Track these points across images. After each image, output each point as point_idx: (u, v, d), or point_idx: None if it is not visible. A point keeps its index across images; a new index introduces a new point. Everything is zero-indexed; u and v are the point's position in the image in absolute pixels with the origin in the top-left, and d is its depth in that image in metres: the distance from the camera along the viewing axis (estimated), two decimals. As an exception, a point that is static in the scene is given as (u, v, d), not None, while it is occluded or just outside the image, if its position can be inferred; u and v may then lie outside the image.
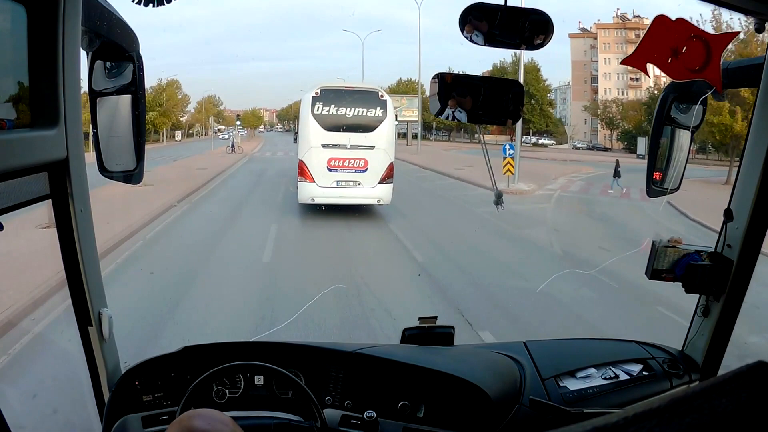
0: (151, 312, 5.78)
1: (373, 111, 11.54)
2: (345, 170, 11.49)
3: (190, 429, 0.99)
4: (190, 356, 1.81)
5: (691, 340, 1.98)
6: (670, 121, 1.84)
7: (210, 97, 53.60)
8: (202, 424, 1.00)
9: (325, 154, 11.36)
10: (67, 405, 3.85)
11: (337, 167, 11.45)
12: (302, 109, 11.88)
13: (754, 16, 1.55)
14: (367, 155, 11.49)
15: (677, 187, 1.91)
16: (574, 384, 1.89)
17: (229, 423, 1.03)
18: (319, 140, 11.33)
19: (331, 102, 11.37)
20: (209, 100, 52.55)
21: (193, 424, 1.00)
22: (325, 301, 5.60)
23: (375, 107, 11.55)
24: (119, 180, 1.63)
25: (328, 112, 11.37)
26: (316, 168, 11.35)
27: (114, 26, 1.52)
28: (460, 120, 1.56)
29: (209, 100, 52.55)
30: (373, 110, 11.54)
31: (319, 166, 11.35)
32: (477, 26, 1.46)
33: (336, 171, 11.46)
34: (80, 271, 1.52)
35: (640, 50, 1.53)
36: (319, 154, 11.36)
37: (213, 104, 53.69)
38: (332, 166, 11.42)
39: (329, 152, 11.38)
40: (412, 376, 1.80)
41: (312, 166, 11.38)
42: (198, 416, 1.04)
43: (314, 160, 11.36)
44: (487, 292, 7.02)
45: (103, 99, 1.56)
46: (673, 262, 1.85)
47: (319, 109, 11.36)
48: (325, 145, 11.35)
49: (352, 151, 11.44)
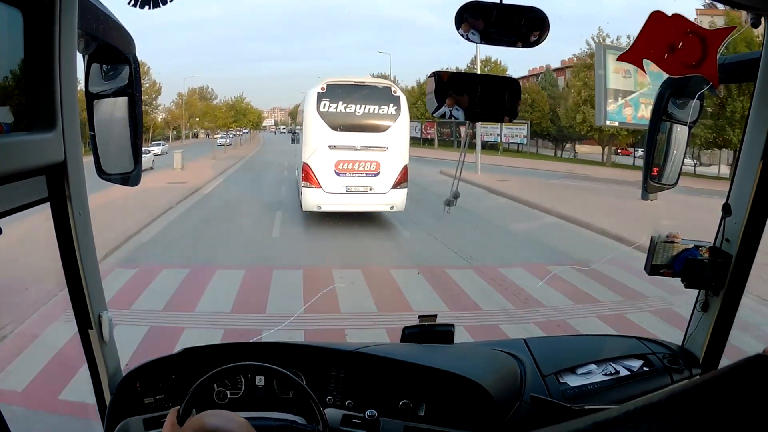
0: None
1: (386, 108, 10.44)
2: (355, 174, 10.43)
3: (204, 427, 1.00)
4: (191, 358, 1.82)
5: (691, 335, 1.99)
6: (668, 116, 1.84)
7: (201, 90, 40.47)
8: (215, 422, 1.01)
9: (332, 156, 10.32)
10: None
11: (346, 171, 10.41)
12: (306, 106, 10.66)
13: (750, 10, 1.55)
14: (379, 157, 10.45)
15: (675, 183, 1.92)
16: (575, 380, 1.89)
17: (243, 423, 1.03)
18: (325, 141, 10.27)
19: (338, 98, 10.28)
20: (194, 93, 39.71)
21: (207, 422, 1.01)
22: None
23: (387, 104, 10.46)
24: (117, 182, 1.63)
25: (335, 109, 10.28)
26: (322, 172, 10.31)
27: (110, 29, 1.52)
28: (458, 118, 1.56)
29: (194, 93, 39.71)
30: (386, 107, 10.44)
31: (326, 170, 10.31)
32: (473, 24, 1.46)
33: (345, 175, 10.41)
34: (80, 274, 1.52)
35: (636, 46, 1.53)
36: (325, 156, 10.32)
37: (203, 97, 40.37)
38: (340, 169, 10.38)
39: (337, 154, 10.34)
40: (412, 374, 1.81)
41: (318, 170, 10.33)
42: (211, 414, 1.05)
43: (320, 163, 10.32)
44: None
45: (100, 101, 1.56)
46: (672, 257, 1.86)
47: (326, 106, 10.25)
48: (332, 147, 10.31)
49: (362, 153, 10.41)
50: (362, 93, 10.51)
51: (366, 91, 10.60)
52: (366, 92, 10.56)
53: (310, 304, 4.45)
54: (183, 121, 38.97)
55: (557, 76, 37.24)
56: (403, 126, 10.71)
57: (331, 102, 10.32)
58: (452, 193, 1.73)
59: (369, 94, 10.52)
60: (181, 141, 40.39)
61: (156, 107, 36.77)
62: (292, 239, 9.91)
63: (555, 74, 37.38)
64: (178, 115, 38.56)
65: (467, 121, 1.60)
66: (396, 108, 10.54)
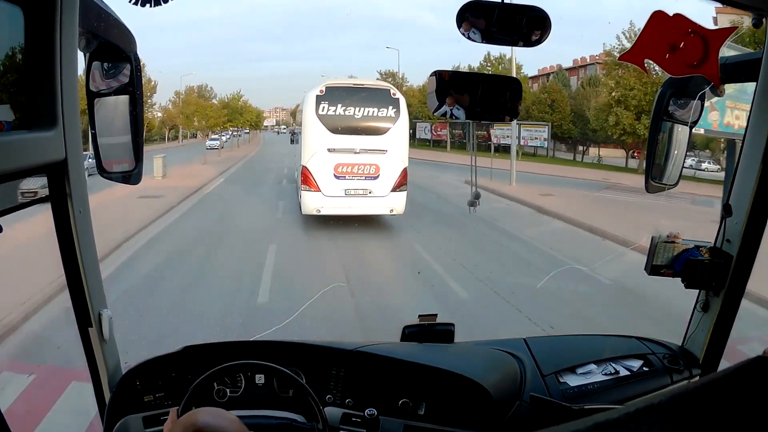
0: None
1: (385, 111, 10.38)
2: (354, 177, 10.35)
3: (195, 423, 1.00)
4: (191, 356, 1.82)
5: (691, 335, 1.99)
6: (669, 116, 1.84)
7: (200, 89, 37.81)
8: (207, 419, 1.01)
9: (331, 159, 10.25)
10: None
11: (345, 174, 10.32)
12: (305, 109, 10.63)
13: (752, 11, 1.55)
14: (378, 160, 10.35)
15: (676, 183, 1.92)
16: (575, 380, 1.89)
17: (234, 421, 1.04)
18: (324, 144, 10.21)
19: (337, 101, 10.22)
20: (192, 91, 37.07)
21: (199, 419, 1.01)
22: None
23: (387, 107, 10.38)
24: (118, 181, 1.63)
25: (334, 112, 10.23)
26: (321, 175, 10.26)
27: (111, 27, 1.52)
28: (458, 117, 1.56)
29: (192, 91, 37.07)
30: (385, 110, 10.38)
31: (325, 173, 10.25)
32: (474, 23, 1.46)
33: (344, 178, 10.33)
34: (80, 272, 1.52)
35: (637, 46, 1.53)
36: (325, 159, 10.25)
37: (201, 96, 37.91)
38: (340, 173, 10.29)
39: (336, 157, 10.26)
40: (412, 373, 1.81)
41: (317, 173, 10.28)
42: (204, 412, 1.05)
43: (320, 167, 10.27)
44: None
45: (101, 100, 1.56)
46: (673, 257, 1.86)
47: (325, 109, 10.21)
48: (331, 150, 10.24)
49: (361, 156, 10.30)
50: (361, 95, 10.44)
51: (365, 93, 10.52)
52: (365, 95, 10.48)
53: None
54: (179, 121, 36.30)
55: (569, 76, 36.43)
56: (402, 128, 10.64)
57: (330, 105, 10.26)
58: (473, 194, 1.75)
59: (368, 97, 10.44)
60: (179, 141, 38.74)
61: (151, 106, 34.31)
62: (286, 306, 5.80)
63: (567, 74, 36.59)
64: (175, 114, 36.70)
65: (468, 120, 1.60)
66: (395, 110, 10.47)
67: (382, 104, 10.43)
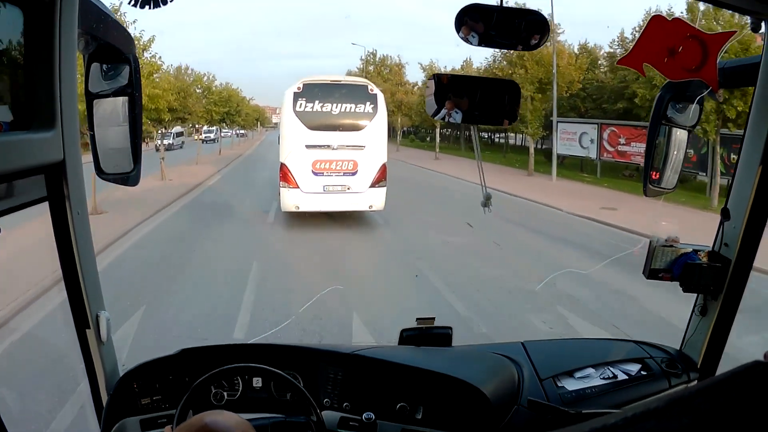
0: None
1: (362, 107, 10.42)
2: (332, 173, 10.40)
3: (204, 425, 1.00)
4: (188, 359, 1.81)
5: (689, 339, 1.98)
6: (667, 120, 1.84)
7: (177, 69, 24.72)
8: (216, 420, 1.01)
9: (309, 156, 10.30)
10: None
11: (324, 170, 10.36)
12: (284, 106, 10.64)
13: (751, 15, 1.56)
14: (356, 156, 10.41)
15: (674, 187, 1.92)
16: (573, 384, 1.89)
17: (243, 422, 1.04)
18: (302, 141, 10.25)
19: (314, 98, 10.25)
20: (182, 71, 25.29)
21: (207, 420, 1.01)
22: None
23: (364, 102, 10.43)
24: (117, 182, 1.63)
25: (311, 109, 10.26)
26: (300, 172, 10.30)
27: (110, 28, 1.52)
28: (456, 121, 1.56)
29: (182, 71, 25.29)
30: (362, 106, 10.42)
31: (303, 170, 10.30)
32: (473, 27, 1.46)
33: (322, 175, 10.36)
34: (77, 274, 1.51)
35: (636, 50, 1.53)
36: (302, 156, 10.29)
37: (179, 79, 22.64)
38: (318, 169, 10.32)
39: (314, 154, 10.30)
40: (410, 377, 1.80)
41: (295, 170, 10.31)
42: (212, 413, 1.05)
43: (298, 163, 10.31)
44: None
45: (100, 101, 1.56)
46: (671, 261, 1.86)
47: (302, 106, 10.24)
48: (309, 146, 10.27)
49: (339, 152, 10.33)
50: (339, 92, 10.45)
51: (343, 90, 10.54)
52: (343, 91, 10.49)
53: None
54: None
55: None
56: (380, 124, 10.64)
57: (308, 101, 10.29)
58: (485, 195, 1.76)
59: (345, 93, 10.45)
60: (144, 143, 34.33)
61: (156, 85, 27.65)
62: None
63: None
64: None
65: (465, 123, 1.60)
66: (373, 106, 10.48)
67: (360, 100, 10.46)
